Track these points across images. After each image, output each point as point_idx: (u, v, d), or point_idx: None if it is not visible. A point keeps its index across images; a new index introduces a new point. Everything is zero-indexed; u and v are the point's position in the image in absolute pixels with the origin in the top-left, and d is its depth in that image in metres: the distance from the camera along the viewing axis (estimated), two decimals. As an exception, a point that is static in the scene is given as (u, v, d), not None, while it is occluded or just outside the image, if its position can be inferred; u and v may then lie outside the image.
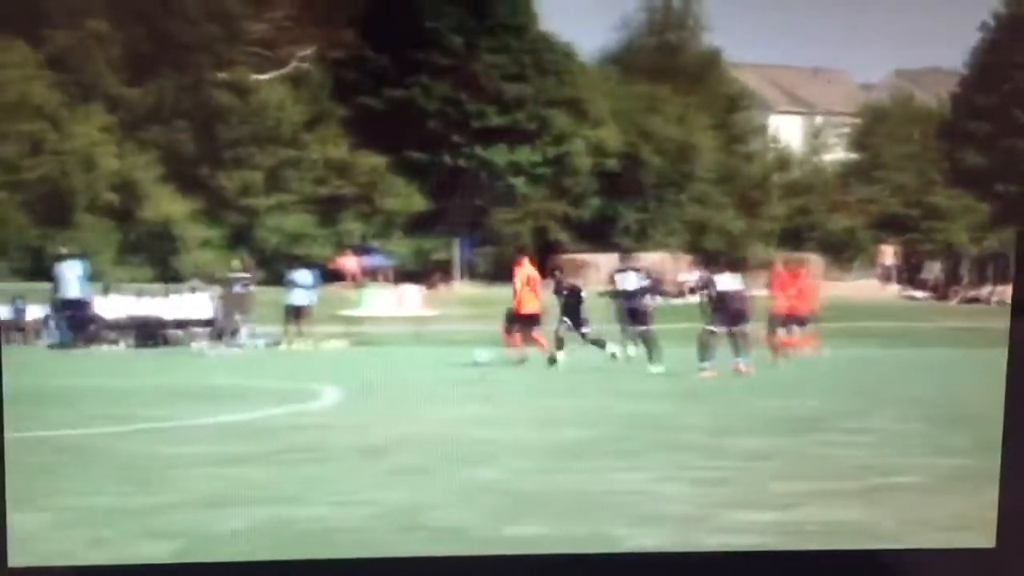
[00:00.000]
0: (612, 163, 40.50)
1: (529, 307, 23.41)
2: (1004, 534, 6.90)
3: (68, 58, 37.38)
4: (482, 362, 21.10)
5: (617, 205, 40.73)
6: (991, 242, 40.49)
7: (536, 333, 24.26)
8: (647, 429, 12.43)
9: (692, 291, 36.88)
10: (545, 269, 36.52)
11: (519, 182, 39.74)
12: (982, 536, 7.05)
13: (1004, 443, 7.43)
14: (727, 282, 21.99)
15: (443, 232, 40.79)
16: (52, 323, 26.20)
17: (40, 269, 36.71)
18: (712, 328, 20.89)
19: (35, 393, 14.17)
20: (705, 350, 20.41)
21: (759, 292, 35.18)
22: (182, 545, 6.76)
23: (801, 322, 22.95)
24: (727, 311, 20.98)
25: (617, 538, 7.46)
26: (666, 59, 42.04)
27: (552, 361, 21.98)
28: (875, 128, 42.53)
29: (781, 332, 23.08)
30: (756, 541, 7.35)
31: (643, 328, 21.50)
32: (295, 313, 26.55)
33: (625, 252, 30.66)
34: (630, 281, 22.76)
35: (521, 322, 23.77)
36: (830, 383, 18.58)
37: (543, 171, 39.95)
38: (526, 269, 25.16)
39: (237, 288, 26.82)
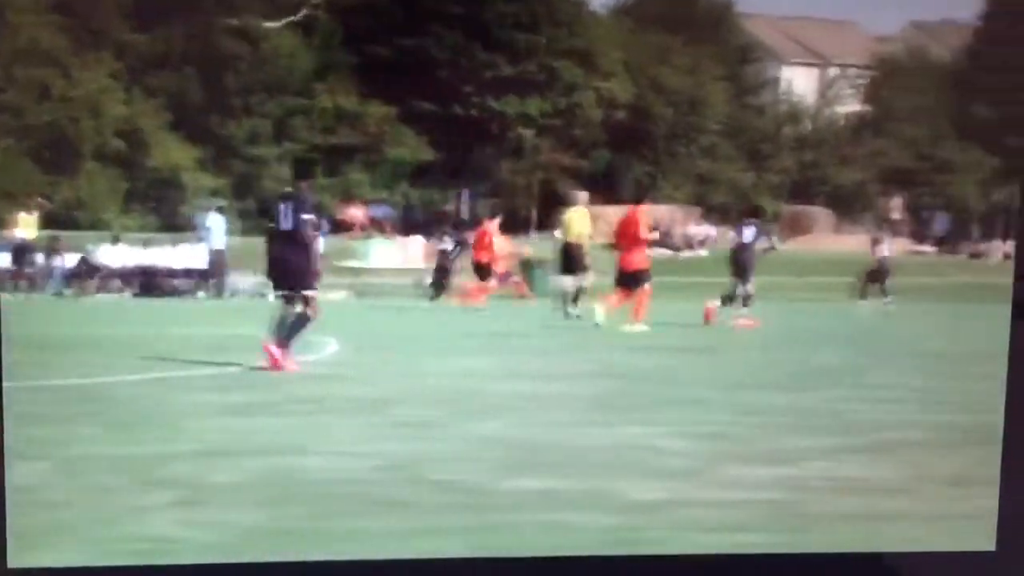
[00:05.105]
0: (622, 115, 43.27)
1: None
2: (1004, 537, 7.10)
3: (76, 3, 39.48)
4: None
5: (626, 157, 43.62)
6: (1000, 196, 43.78)
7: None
8: (655, 383, 12.75)
9: (701, 243, 39.70)
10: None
11: (528, 133, 42.26)
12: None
13: (1004, 445, 7.80)
14: None
15: (450, 183, 43.35)
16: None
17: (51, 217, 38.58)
18: None
19: (39, 342, 14.77)
20: None
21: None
22: (182, 495, 7.29)
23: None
24: None
25: (619, 491, 7.72)
26: (678, 9, 44.73)
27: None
28: (888, 81, 45.43)
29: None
30: (757, 496, 7.76)
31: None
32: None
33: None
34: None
35: None
36: (840, 337, 19.16)
37: (552, 122, 42.41)
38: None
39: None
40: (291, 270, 12.99)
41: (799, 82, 46.79)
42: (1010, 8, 41.34)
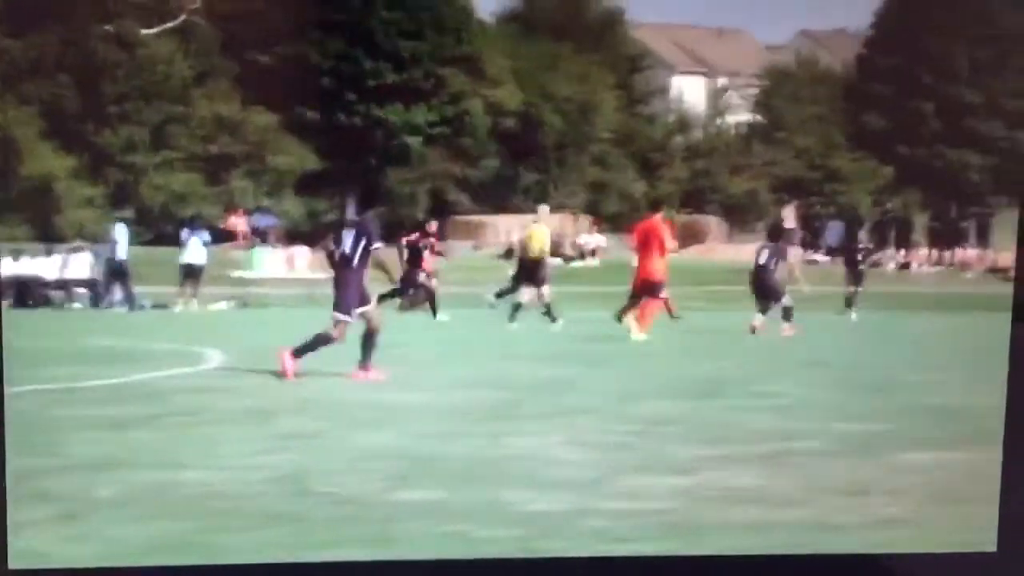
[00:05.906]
0: (511, 123, 43.09)
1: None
2: (1005, 538, 7.17)
3: (-57, 8, 38.61)
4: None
5: (516, 166, 43.52)
6: (893, 205, 44.46)
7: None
8: (551, 394, 12.81)
9: (592, 253, 39.72)
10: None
11: (415, 142, 41.93)
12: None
13: (1005, 446, 7.81)
14: None
15: (336, 192, 42.94)
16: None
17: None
18: None
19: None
20: None
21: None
22: (63, 509, 7.16)
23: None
24: None
25: (511, 503, 7.67)
26: (568, 17, 44.72)
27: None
28: (779, 90, 45.84)
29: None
30: (656, 506, 7.72)
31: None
32: (191, 273, 27.19)
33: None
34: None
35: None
36: (735, 348, 19.33)
37: (440, 131, 42.19)
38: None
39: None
40: (341, 293, 13.57)
41: (690, 91, 47.07)
42: (900, 17, 42.15)
